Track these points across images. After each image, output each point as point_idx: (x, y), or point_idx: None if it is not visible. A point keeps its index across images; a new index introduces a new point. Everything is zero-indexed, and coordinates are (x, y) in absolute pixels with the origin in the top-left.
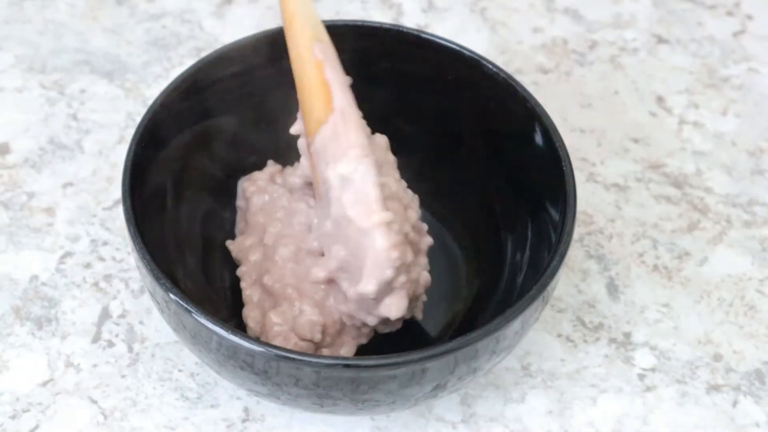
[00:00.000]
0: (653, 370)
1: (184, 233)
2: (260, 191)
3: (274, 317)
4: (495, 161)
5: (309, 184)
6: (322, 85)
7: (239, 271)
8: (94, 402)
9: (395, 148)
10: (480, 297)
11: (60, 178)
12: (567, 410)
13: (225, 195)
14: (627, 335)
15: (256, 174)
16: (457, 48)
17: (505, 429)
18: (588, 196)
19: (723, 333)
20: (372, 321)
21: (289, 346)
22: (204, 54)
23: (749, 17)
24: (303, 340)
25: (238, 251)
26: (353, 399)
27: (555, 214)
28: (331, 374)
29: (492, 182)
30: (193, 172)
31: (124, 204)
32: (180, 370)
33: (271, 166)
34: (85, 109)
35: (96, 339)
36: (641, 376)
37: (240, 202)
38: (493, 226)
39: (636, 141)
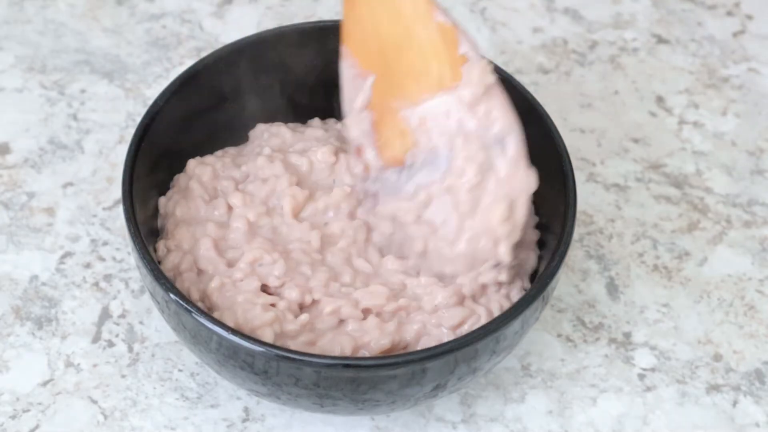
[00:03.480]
0: (653, 370)
1: None
2: None
3: None
4: None
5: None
6: (446, 45)
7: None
8: (94, 402)
9: None
10: None
11: (60, 178)
12: (567, 410)
13: None
14: (627, 335)
15: None
16: None
17: (505, 429)
18: (588, 196)
19: (723, 333)
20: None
21: None
22: (204, 54)
23: (749, 17)
24: None
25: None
26: (353, 399)
27: (555, 214)
28: (331, 374)
29: None
30: None
31: (124, 204)
32: (180, 370)
33: None
34: (85, 109)
35: (96, 339)
36: (641, 376)
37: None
38: None
39: (636, 141)
